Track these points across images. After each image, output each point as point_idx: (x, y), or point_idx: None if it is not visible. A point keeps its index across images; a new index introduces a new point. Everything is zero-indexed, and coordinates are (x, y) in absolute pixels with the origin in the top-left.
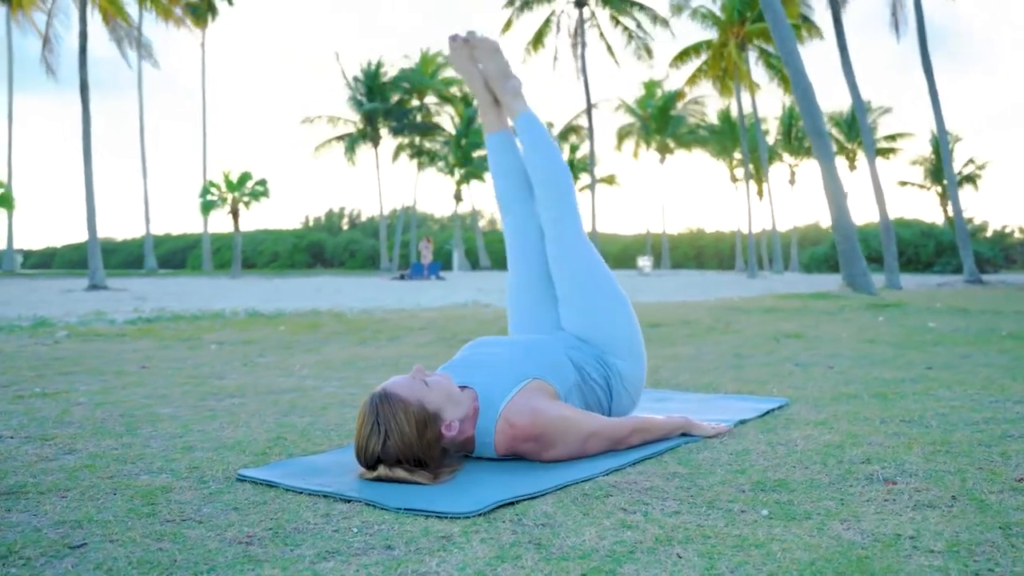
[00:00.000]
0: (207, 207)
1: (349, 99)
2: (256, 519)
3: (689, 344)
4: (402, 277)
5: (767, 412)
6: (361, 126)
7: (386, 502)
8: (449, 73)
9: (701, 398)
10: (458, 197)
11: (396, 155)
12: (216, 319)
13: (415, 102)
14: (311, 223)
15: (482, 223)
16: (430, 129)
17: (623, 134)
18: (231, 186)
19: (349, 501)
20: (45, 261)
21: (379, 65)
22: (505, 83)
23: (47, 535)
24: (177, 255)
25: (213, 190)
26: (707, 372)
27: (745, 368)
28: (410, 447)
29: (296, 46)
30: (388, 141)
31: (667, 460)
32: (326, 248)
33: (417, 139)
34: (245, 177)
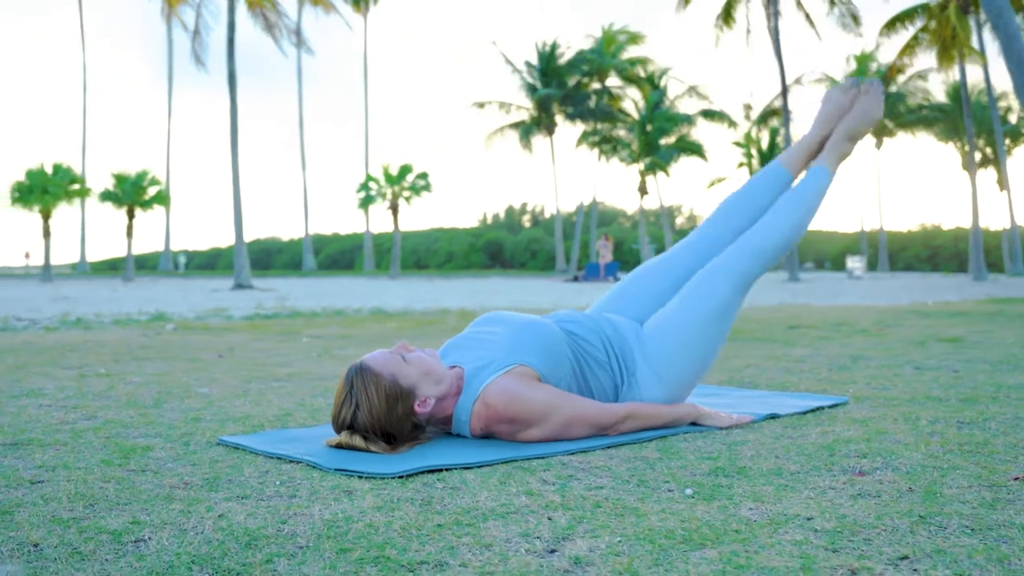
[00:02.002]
0: (365, 202)
1: (521, 84)
2: (202, 471)
3: (813, 346)
4: (576, 279)
5: (813, 409)
6: (535, 113)
7: (324, 463)
8: (635, 51)
9: (752, 394)
10: (643, 190)
11: (579, 143)
12: (335, 316)
13: (595, 85)
14: (489, 221)
15: (680, 219)
16: (612, 114)
17: None
18: (390, 180)
19: (297, 462)
20: (210, 262)
21: (554, 46)
22: (845, 141)
23: (21, 474)
24: (345, 255)
25: (372, 185)
26: (796, 372)
27: (849, 370)
28: (379, 420)
29: (466, 30)
30: (564, 129)
31: (649, 445)
32: (505, 248)
33: (599, 125)
34: (405, 170)
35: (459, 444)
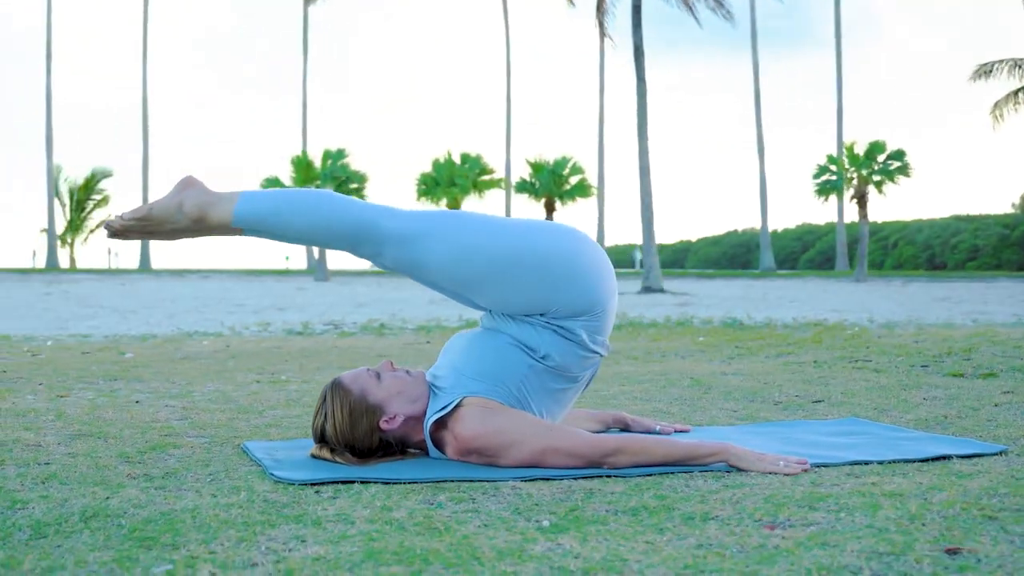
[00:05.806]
0: (824, 189)
1: None
2: (176, 467)
3: None
4: None
5: (933, 457)
6: None
7: (272, 468)
8: None
9: (895, 435)
10: None
11: None
12: (676, 327)
13: None
14: None
15: None
16: None
17: None
18: (855, 161)
19: (261, 466)
20: (676, 259)
21: None
22: (207, 209)
23: (47, 457)
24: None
25: (834, 168)
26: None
27: None
28: (343, 435)
29: None
30: None
31: (632, 480)
32: None
33: None
34: (876, 149)
35: (429, 462)
